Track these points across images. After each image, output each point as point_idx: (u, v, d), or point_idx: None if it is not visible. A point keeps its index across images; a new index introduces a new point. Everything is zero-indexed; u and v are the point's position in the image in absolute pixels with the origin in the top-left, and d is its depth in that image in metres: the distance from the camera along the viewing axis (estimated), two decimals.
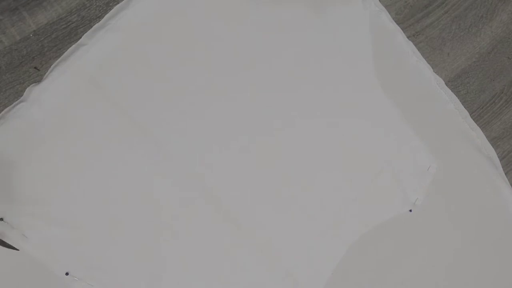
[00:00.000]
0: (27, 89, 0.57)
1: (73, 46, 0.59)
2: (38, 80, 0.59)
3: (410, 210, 0.69)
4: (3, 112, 0.57)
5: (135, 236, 0.59)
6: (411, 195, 0.69)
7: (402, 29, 0.72)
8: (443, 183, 0.70)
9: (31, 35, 0.60)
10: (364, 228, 0.67)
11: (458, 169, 0.71)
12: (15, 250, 0.54)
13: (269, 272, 0.63)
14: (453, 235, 0.70)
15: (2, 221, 0.54)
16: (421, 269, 0.69)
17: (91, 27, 0.61)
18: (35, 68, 0.60)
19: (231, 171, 0.63)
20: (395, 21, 0.72)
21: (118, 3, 0.62)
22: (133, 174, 0.60)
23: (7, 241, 0.54)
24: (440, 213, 0.70)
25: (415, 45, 0.73)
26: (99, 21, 0.61)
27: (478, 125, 0.74)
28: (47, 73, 0.59)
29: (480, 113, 0.75)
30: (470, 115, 0.74)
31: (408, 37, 0.72)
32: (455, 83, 0.75)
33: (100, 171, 0.59)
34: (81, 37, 0.60)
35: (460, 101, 0.74)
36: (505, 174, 0.74)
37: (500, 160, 0.74)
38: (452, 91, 0.74)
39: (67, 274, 0.56)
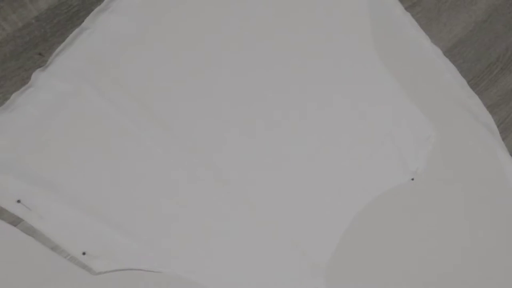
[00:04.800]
0: (34, 74, 0.58)
1: (77, 30, 0.59)
2: (43, 65, 0.59)
3: (413, 179, 0.70)
4: (11, 98, 0.57)
5: (147, 218, 0.60)
6: (412, 164, 0.71)
7: (399, 0, 0.73)
8: (443, 151, 0.72)
9: (33, 21, 0.60)
10: (368, 197, 0.69)
11: (456, 137, 0.73)
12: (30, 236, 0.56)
13: (276, 243, 0.65)
14: (453, 203, 0.72)
15: (20, 203, 0.55)
16: (424, 236, 0.71)
17: (93, 10, 0.61)
18: (39, 54, 0.60)
19: (237, 147, 0.64)
20: None
21: None
22: (145, 159, 0.61)
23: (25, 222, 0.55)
24: (439, 182, 0.72)
25: (412, 16, 0.73)
26: (100, 4, 0.61)
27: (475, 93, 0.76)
28: (51, 58, 0.59)
29: (477, 82, 0.77)
30: (467, 83, 0.75)
31: (405, 9, 0.73)
32: (452, 53, 0.76)
33: (111, 153, 0.60)
34: (83, 21, 0.60)
35: (457, 70, 0.75)
36: (503, 140, 0.76)
37: (497, 127, 0.76)
38: (449, 60, 0.75)
39: (84, 254, 0.57)
